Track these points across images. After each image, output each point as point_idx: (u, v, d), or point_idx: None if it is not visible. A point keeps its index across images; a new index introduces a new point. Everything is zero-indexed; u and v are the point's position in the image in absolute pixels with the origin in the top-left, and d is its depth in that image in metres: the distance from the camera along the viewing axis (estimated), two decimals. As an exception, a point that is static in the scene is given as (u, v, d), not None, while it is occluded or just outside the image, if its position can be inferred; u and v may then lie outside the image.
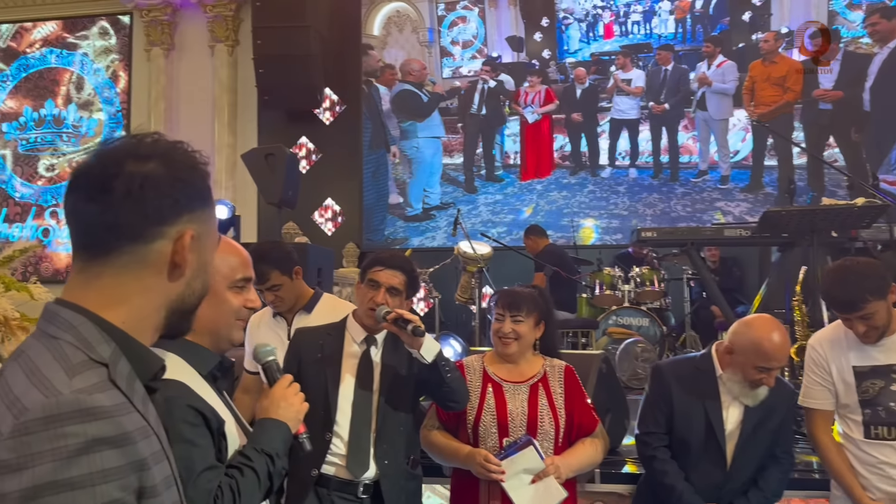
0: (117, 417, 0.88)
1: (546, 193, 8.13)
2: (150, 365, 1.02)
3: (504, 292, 2.64)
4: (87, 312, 0.97)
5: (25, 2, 8.83)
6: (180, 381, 1.45)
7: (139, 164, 0.98)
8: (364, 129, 8.36)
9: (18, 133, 8.80)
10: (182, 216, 1.01)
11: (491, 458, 2.40)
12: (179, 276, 1.02)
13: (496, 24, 8.39)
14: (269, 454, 1.54)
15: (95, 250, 0.99)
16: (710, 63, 7.98)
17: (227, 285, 1.55)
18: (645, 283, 6.50)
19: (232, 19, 8.34)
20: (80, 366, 0.91)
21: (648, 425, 2.66)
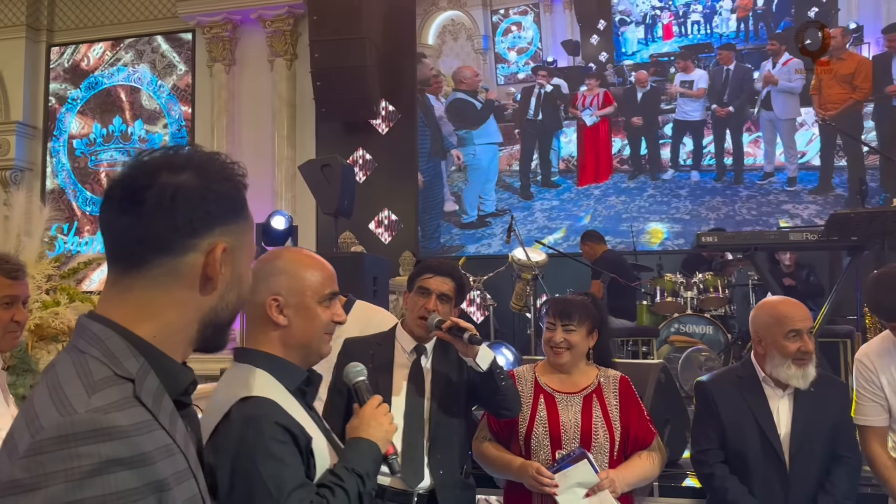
0: (134, 437, 0.86)
1: (604, 198, 7.98)
2: (179, 380, 1.00)
3: (555, 300, 2.59)
4: (117, 326, 0.95)
5: (94, 22, 9.19)
6: (269, 398, 1.45)
7: (172, 176, 0.97)
8: (422, 138, 8.39)
9: (88, 149, 9.15)
10: (214, 228, 0.99)
11: (543, 471, 2.35)
12: (212, 289, 1.00)
13: (551, 28, 8.31)
14: (360, 474, 1.51)
15: (127, 263, 0.97)
16: (775, 61, 7.72)
17: (318, 300, 1.56)
18: (708, 290, 6.31)
19: (290, 34, 8.49)
20: (102, 382, 0.90)
21: (701, 443, 2.58)
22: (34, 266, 2.73)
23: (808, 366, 2.46)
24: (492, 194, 8.24)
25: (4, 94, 9.09)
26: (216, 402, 1.49)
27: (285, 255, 1.62)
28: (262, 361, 1.51)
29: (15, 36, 9.10)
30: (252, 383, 1.47)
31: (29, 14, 9.13)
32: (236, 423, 1.41)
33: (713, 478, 2.52)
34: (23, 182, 8.91)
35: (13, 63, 9.10)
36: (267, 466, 1.38)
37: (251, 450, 1.38)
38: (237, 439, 1.39)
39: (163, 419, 0.93)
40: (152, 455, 0.88)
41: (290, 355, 1.54)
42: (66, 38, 9.29)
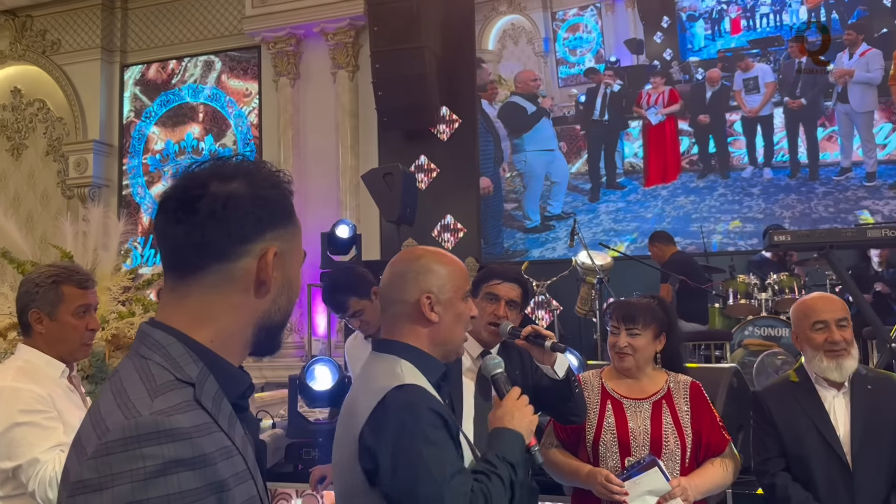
0: (196, 439, 0.89)
1: (672, 199, 7.77)
2: (237, 384, 1.02)
3: (619, 303, 2.54)
4: (176, 332, 0.98)
5: (164, 42, 9.52)
6: (421, 386, 1.52)
7: (223, 185, 1.00)
8: (484, 144, 8.39)
9: (161, 165, 9.49)
10: (265, 234, 1.02)
11: (612, 479, 2.29)
12: (265, 293, 1.02)
13: (613, 27, 8.18)
14: (511, 463, 1.56)
15: (183, 270, 1.01)
16: (851, 52, 7.39)
17: (462, 297, 1.64)
18: (784, 291, 6.09)
19: (351, 45, 8.62)
20: (164, 386, 0.93)
21: (761, 453, 2.53)
22: (111, 278, 2.83)
23: (843, 358, 2.41)
24: (560, 197, 8.13)
25: (82, 114, 9.51)
26: (366, 388, 1.54)
27: (428, 254, 1.67)
28: (408, 354, 1.57)
29: (91, 58, 9.52)
30: (402, 373, 1.53)
31: (103, 37, 9.53)
32: (394, 409, 1.46)
33: (775, 487, 2.47)
34: (100, 198, 9.30)
35: (90, 84, 9.51)
36: (428, 451, 1.43)
37: (411, 435, 1.43)
38: (397, 425, 1.45)
39: (222, 422, 0.95)
40: (213, 456, 0.90)
41: (434, 351, 1.60)
42: (139, 58, 9.66)
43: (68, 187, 9.52)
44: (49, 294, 2.05)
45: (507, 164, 8.32)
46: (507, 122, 8.31)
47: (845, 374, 2.43)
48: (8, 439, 1.91)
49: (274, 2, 8.67)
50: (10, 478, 1.92)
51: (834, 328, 2.42)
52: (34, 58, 9.77)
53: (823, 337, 2.43)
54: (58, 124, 9.77)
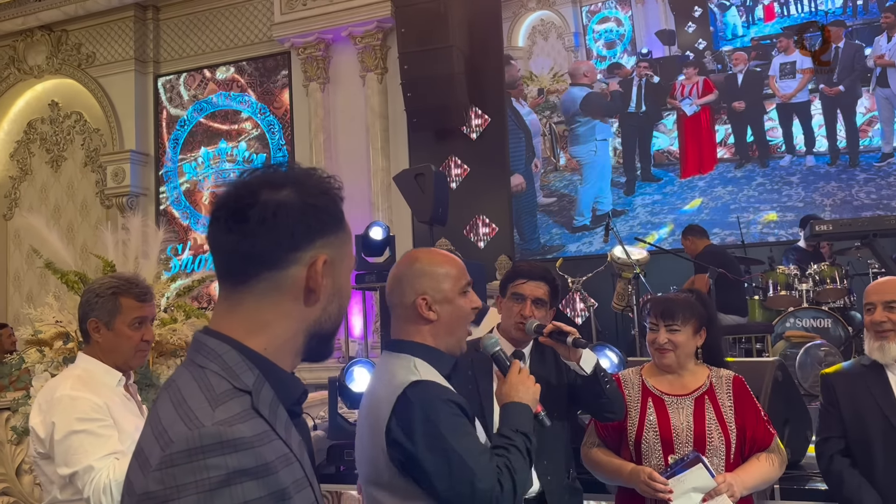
0: (258, 448, 0.90)
1: (710, 190, 7.64)
2: (292, 390, 1.03)
3: (657, 299, 2.51)
4: (231, 340, 0.99)
5: (195, 51, 9.66)
6: (433, 380, 1.64)
7: (273, 193, 1.01)
8: (516, 142, 8.35)
9: (197, 172, 9.63)
10: (315, 241, 1.02)
11: (656, 476, 2.27)
12: (315, 300, 1.03)
13: (644, 19, 8.09)
14: (525, 433, 1.69)
15: (236, 279, 1.02)
16: (890, 35, 7.20)
17: (458, 292, 1.75)
18: (825, 281, 5.97)
19: (380, 48, 8.65)
20: (223, 395, 0.93)
21: (822, 433, 2.55)
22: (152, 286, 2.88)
23: (888, 339, 2.42)
24: (608, 193, 8.03)
25: (118, 124, 9.69)
26: (386, 384, 1.66)
27: (421, 257, 1.79)
28: (419, 351, 1.70)
29: (125, 70, 9.69)
30: (417, 369, 1.65)
31: (137, 48, 9.70)
32: (416, 403, 1.58)
33: (830, 470, 2.47)
34: (138, 207, 9.47)
35: (125, 95, 9.69)
36: (454, 437, 1.56)
37: (436, 425, 1.56)
38: (422, 417, 1.57)
39: (279, 429, 0.96)
40: (274, 465, 0.91)
41: (439, 345, 1.72)
42: (171, 67, 9.81)
43: (106, 197, 9.70)
44: (107, 304, 2.10)
45: (533, 166, 8.26)
46: (590, 111, 8.12)
47: (888, 355, 2.43)
48: (65, 447, 1.97)
49: (302, 8, 8.74)
50: (69, 483, 1.98)
51: (879, 309, 2.45)
52: (70, 71, 9.98)
53: (870, 318, 2.48)
54: (95, 135, 9.97)
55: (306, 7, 8.72)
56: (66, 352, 2.73)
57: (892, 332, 2.42)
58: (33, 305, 3.25)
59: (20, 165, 10.38)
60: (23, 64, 10.20)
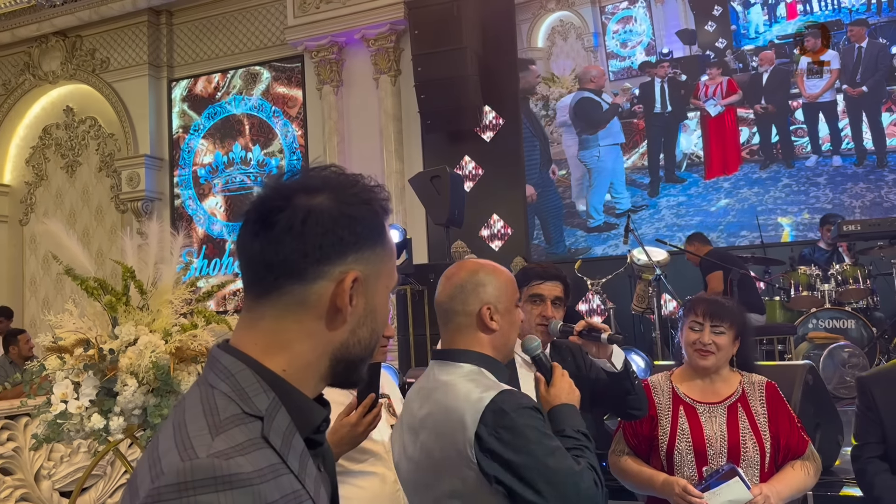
0: (257, 486, 0.81)
1: (735, 191, 7.53)
2: (311, 418, 0.93)
3: (702, 299, 2.44)
4: (248, 359, 0.91)
5: (209, 55, 9.68)
6: (512, 389, 1.63)
7: (307, 198, 0.92)
8: (531, 148, 8.30)
9: (211, 176, 9.63)
10: (347, 256, 0.92)
11: (690, 490, 2.20)
12: (341, 322, 0.93)
13: (664, 19, 8.01)
14: (585, 433, 1.71)
15: (259, 289, 0.93)
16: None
17: (514, 304, 1.76)
18: (848, 281, 5.89)
19: (393, 50, 8.62)
20: (228, 421, 0.85)
21: (859, 438, 2.48)
22: (171, 292, 2.85)
23: None
24: (624, 192, 7.96)
25: (133, 129, 9.71)
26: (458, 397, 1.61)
27: (483, 268, 1.78)
28: (480, 361, 1.69)
29: (139, 75, 9.72)
30: (489, 379, 1.65)
31: (150, 53, 9.72)
32: (511, 413, 1.56)
33: (865, 473, 2.41)
34: (153, 211, 9.49)
35: (139, 100, 9.71)
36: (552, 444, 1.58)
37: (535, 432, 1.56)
38: (522, 426, 1.55)
39: (292, 461, 0.87)
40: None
41: (496, 355, 1.73)
42: (185, 72, 9.83)
43: (121, 201, 9.73)
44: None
45: (550, 172, 8.21)
46: (581, 118, 8.13)
47: None
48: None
49: (315, 11, 8.73)
50: None
51: None
52: (84, 76, 10.02)
53: None
54: (109, 140, 10.00)
55: (319, 10, 8.71)
56: (87, 359, 2.70)
57: None
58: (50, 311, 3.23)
59: (35, 171, 10.42)
60: (38, 70, 10.25)
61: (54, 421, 2.53)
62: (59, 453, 3.82)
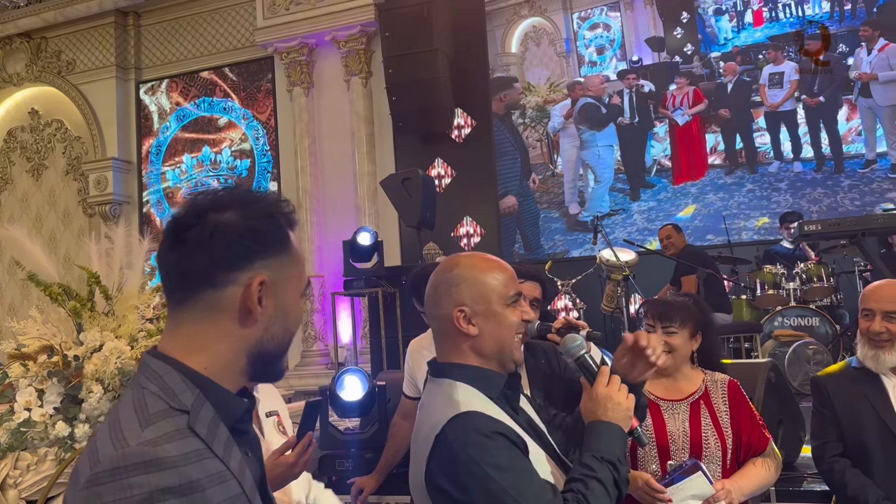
0: (183, 467, 0.92)
1: (702, 196, 7.74)
2: (233, 409, 1.05)
3: (654, 301, 2.48)
4: (173, 361, 1.02)
5: (177, 57, 9.58)
6: (476, 410, 1.43)
7: (216, 214, 1.04)
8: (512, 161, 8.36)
9: (181, 179, 9.54)
10: (254, 263, 1.04)
11: (653, 484, 2.24)
12: (253, 321, 1.05)
13: (633, 26, 8.15)
14: (611, 461, 1.46)
15: (178, 298, 1.05)
16: (869, 48, 7.26)
17: (505, 303, 1.53)
18: (812, 280, 6.01)
19: (364, 52, 8.61)
20: (156, 416, 0.97)
21: (819, 438, 2.54)
22: (137, 297, 2.82)
23: (883, 350, 2.40)
24: (606, 196, 8.13)
25: (100, 132, 9.58)
26: (425, 423, 1.48)
27: (462, 262, 1.58)
28: (461, 374, 1.49)
29: (106, 76, 9.59)
30: (456, 398, 1.45)
31: (118, 55, 9.61)
32: (457, 443, 1.39)
33: (833, 472, 2.47)
34: (121, 215, 9.37)
35: (106, 103, 9.59)
36: (505, 479, 1.36)
37: (482, 466, 1.36)
38: (465, 459, 1.37)
39: (217, 447, 0.99)
40: (201, 483, 0.94)
41: (487, 363, 1.51)
42: (153, 74, 9.73)
43: (89, 205, 9.59)
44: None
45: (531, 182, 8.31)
46: (585, 120, 8.21)
47: (882, 366, 2.42)
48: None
49: (285, 13, 8.69)
50: None
51: (878, 319, 2.42)
52: (50, 78, 9.87)
53: (866, 325, 2.44)
54: (76, 143, 9.86)
55: (289, 12, 8.67)
56: (51, 365, 2.66)
57: (889, 343, 2.40)
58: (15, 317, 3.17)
59: (0, 174, 10.24)
60: (2, 72, 10.07)
61: (17, 429, 2.50)
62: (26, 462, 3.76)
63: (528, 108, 8.44)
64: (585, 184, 8.22)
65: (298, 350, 8.43)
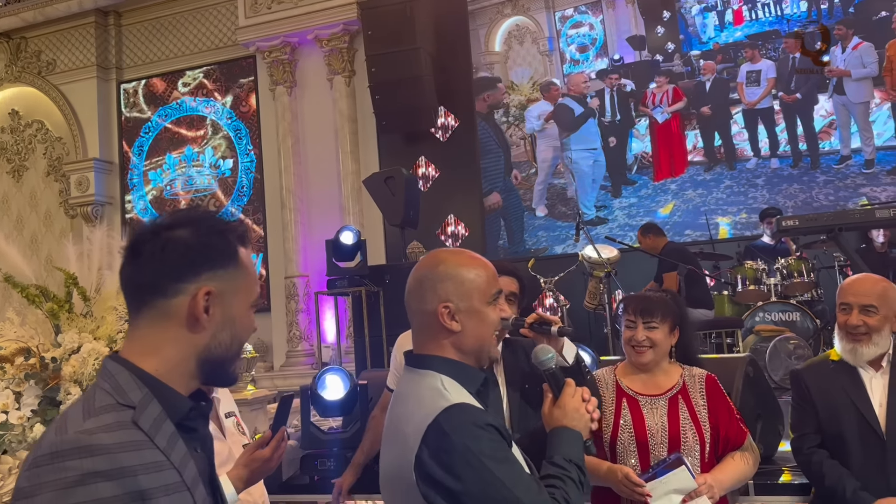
0: (116, 454, 1.02)
1: (681, 192, 7.83)
2: (179, 408, 1.15)
3: (633, 297, 2.50)
4: (126, 363, 1.14)
5: (159, 57, 9.53)
6: (466, 403, 1.47)
7: (169, 231, 1.16)
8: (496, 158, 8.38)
9: (163, 179, 9.49)
10: (201, 275, 1.15)
11: (632, 477, 2.26)
12: (200, 328, 1.15)
13: (615, 24, 8.21)
14: (577, 464, 1.55)
15: (134, 306, 1.17)
16: (844, 46, 7.37)
17: (487, 301, 1.57)
18: (793, 275, 6.06)
19: (346, 51, 8.59)
20: (100, 409, 1.08)
21: (797, 430, 2.57)
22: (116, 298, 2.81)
23: (860, 343, 2.43)
24: (591, 196, 8.19)
25: (81, 133, 9.51)
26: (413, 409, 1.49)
27: (447, 259, 1.59)
28: (445, 367, 1.52)
29: (87, 77, 9.53)
30: (445, 391, 1.48)
31: (98, 54, 9.54)
32: (452, 433, 1.41)
33: (810, 463, 2.50)
34: (103, 216, 9.30)
35: (87, 103, 9.52)
36: (501, 469, 1.41)
37: (479, 457, 1.40)
38: (461, 449, 1.40)
39: (159, 441, 1.08)
40: (134, 469, 1.03)
41: (465, 359, 1.55)
42: (135, 73, 9.67)
43: (71, 206, 9.52)
44: None
45: (513, 178, 8.35)
46: (558, 123, 8.29)
47: (860, 359, 2.46)
48: None
49: (267, 11, 8.66)
50: None
51: (856, 312, 2.44)
52: (30, 79, 9.79)
53: (843, 319, 2.47)
54: (57, 144, 9.78)
55: (271, 10, 8.64)
56: (28, 368, 2.65)
57: (867, 336, 2.43)
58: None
59: (-20, 176, 10.15)
60: (-19, 72, 9.98)
61: (-6, 432, 2.48)
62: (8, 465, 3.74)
63: (511, 106, 8.47)
64: (568, 182, 8.26)
65: (283, 351, 8.42)
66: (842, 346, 2.50)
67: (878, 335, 2.44)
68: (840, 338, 2.50)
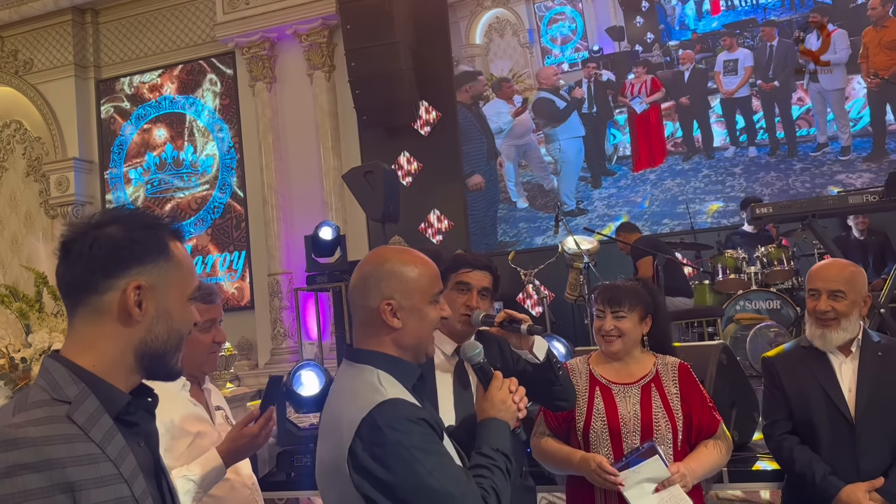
0: (42, 447, 1.03)
1: (660, 182, 7.85)
2: (115, 402, 1.15)
3: (602, 287, 2.50)
4: (63, 360, 1.15)
5: (137, 54, 9.44)
6: (402, 398, 1.51)
7: (97, 230, 1.17)
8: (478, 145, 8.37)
9: (143, 178, 9.42)
10: (130, 270, 1.16)
11: (605, 466, 2.26)
12: (134, 322, 1.16)
13: (594, 15, 8.22)
14: (505, 453, 1.61)
15: (69, 304, 1.18)
16: (819, 35, 7.43)
17: (428, 300, 1.61)
18: (773, 263, 6.09)
19: (326, 45, 8.55)
20: (32, 404, 1.09)
21: (768, 416, 2.59)
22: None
23: (829, 329, 2.45)
24: (573, 187, 8.19)
25: (60, 132, 9.42)
26: (348, 402, 1.53)
27: (392, 257, 1.63)
28: (382, 362, 1.56)
29: (64, 76, 9.42)
30: (380, 385, 1.52)
31: (76, 53, 9.44)
32: (385, 427, 1.45)
33: (781, 449, 2.52)
34: (84, 215, 9.22)
35: (65, 102, 9.42)
36: (431, 462, 1.45)
37: (409, 450, 1.44)
38: (393, 442, 1.44)
39: (94, 434, 1.09)
40: (63, 461, 1.04)
41: (404, 355, 1.59)
42: (113, 71, 9.57)
43: (51, 206, 9.43)
44: None
45: (498, 165, 8.33)
46: (541, 116, 8.28)
47: (829, 344, 2.47)
48: None
49: (245, 6, 8.60)
50: None
51: (824, 298, 2.46)
52: (7, 78, 9.67)
53: (812, 305, 2.48)
54: (36, 144, 9.68)
55: (249, 6, 8.58)
56: (-2, 368, 2.63)
57: (836, 321, 2.45)
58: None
59: (-42, 177, 10.03)
60: (-44, 72, 9.86)
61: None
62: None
63: (492, 97, 8.47)
64: (545, 175, 8.26)
65: (268, 347, 8.39)
66: (811, 332, 2.51)
67: (847, 320, 2.45)
68: (809, 323, 2.52)
